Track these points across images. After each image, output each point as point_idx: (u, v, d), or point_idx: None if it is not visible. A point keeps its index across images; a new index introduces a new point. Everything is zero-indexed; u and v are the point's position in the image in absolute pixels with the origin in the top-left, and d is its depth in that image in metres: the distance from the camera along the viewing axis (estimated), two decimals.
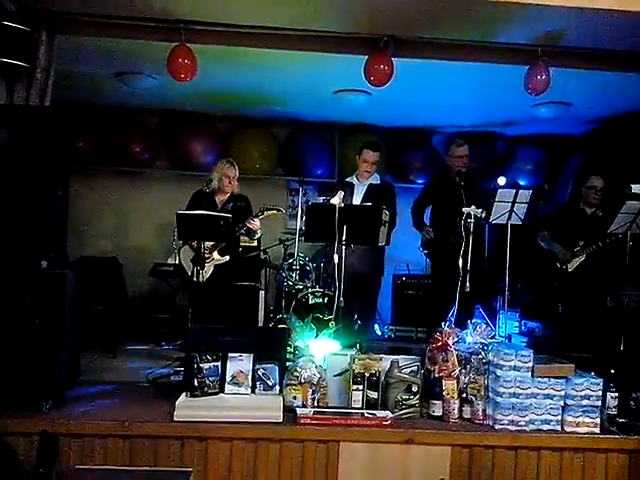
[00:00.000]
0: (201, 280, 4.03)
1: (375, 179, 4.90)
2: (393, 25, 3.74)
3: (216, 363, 3.18)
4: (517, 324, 5.91)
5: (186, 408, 3.01)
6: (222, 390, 3.20)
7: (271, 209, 4.66)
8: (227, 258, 4.58)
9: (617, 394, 3.31)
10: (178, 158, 6.71)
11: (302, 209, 5.35)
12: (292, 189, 7.09)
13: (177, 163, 6.74)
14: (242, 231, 4.48)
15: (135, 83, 5.41)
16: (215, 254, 4.51)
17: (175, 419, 2.96)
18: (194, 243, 4.23)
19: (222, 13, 3.80)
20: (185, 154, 6.58)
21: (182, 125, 6.64)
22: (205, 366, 3.14)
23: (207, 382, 3.13)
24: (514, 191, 4.19)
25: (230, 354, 3.25)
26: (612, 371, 3.37)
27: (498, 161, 6.95)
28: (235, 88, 5.62)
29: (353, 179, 4.91)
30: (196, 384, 3.11)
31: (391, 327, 5.93)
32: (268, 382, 3.24)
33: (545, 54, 3.89)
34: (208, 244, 4.33)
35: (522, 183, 6.78)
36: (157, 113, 6.68)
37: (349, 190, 4.73)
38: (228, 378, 3.22)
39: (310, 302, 5.50)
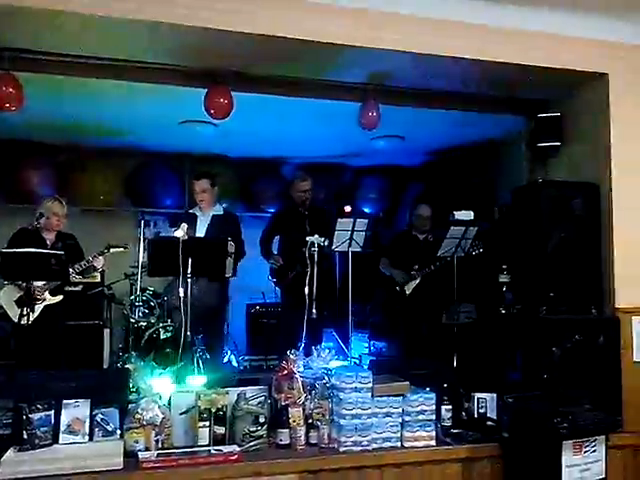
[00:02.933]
0: (24, 322, 3.75)
1: (218, 210, 4.89)
2: (231, 60, 3.80)
3: (48, 412, 2.96)
4: (367, 345, 6.19)
5: (13, 464, 2.76)
6: (56, 441, 2.98)
7: (116, 246, 4.50)
8: (59, 298, 4.34)
9: (450, 406, 3.57)
10: (12, 191, 6.24)
11: (145, 243, 5.21)
12: (142, 220, 6.88)
13: (12, 197, 6.25)
14: (80, 269, 4.27)
15: None
16: (47, 294, 4.25)
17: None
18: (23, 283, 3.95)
19: (54, 43, 3.63)
20: (20, 187, 6.15)
21: (16, 156, 6.19)
22: (35, 416, 2.91)
23: (38, 434, 2.90)
24: (352, 220, 4.41)
25: (65, 401, 3.05)
26: (445, 385, 3.63)
27: (345, 190, 7.31)
28: (75, 118, 5.37)
29: (196, 210, 4.87)
30: (25, 437, 2.88)
31: (247, 357, 5.93)
32: (108, 427, 3.08)
33: (376, 92, 4.16)
34: (39, 284, 4.07)
35: (367, 211, 7.17)
36: None
37: (192, 222, 4.67)
38: (63, 427, 3.01)
39: (162, 337, 5.34)
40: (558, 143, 4.24)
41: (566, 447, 3.04)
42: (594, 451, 3.12)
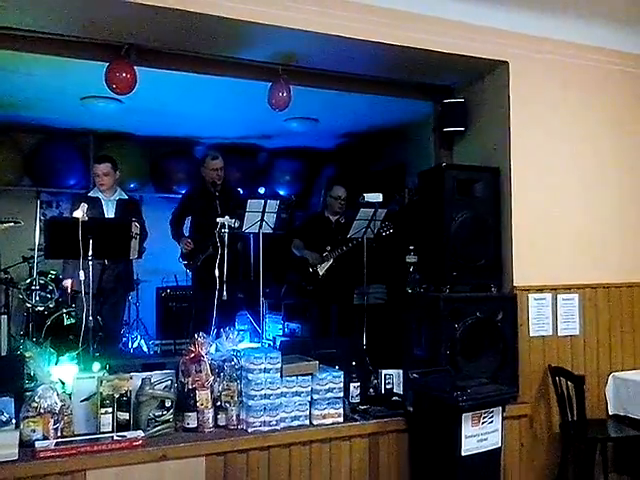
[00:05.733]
0: None
1: (121, 194, 4.76)
2: (134, 33, 3.64)
3: None
4: (281, 327, 6.21)
5: None
6: None
7: (6, 222, 4.22)
8: None
9: (359, 384, 3.64)
10: None
11: (41, 224, 4.95)
12: (44, 201, 6.52)
13: None
14: None
15: None
16: None
17: None
18: None
19: None
20: None
21: None
22: None
23: None
24: (263, 201, 4.38)
25: None
26: (353, 363, 3.70)
27: (259, 172, 7.25)
28: None
29: (98, 194, 4.66)
30: None
31: (157, 342, 5.79)
32: (1, 417, 2.90)
33: (286, 72, 4.11)
34: None
35: (282, 193, 7.15)
36: None
37: (97, 205, 4.49)
38: None
39: (65, 323, 5.12)
40: (462, 128, 4.38)
41: (465, 419, 3.17)
42: (491, 422, 3.28)
